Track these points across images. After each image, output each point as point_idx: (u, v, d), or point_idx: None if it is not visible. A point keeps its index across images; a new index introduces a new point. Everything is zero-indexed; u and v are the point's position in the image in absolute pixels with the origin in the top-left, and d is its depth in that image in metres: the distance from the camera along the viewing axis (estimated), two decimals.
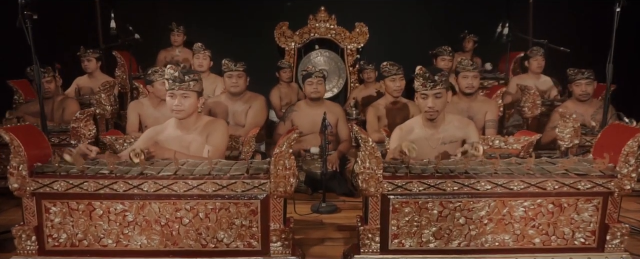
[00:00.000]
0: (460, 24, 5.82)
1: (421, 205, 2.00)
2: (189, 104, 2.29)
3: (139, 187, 1.94)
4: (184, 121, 2.34)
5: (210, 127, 2.37)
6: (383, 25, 5.85)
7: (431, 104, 2.42)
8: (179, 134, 2.36)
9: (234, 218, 1.98)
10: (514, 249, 2.05)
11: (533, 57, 4.59)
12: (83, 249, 2.01)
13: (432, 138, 2.50)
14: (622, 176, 1.98)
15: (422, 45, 5.44)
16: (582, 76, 3.73)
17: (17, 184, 1.92)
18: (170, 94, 2.27)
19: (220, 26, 5.99)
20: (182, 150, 2.28)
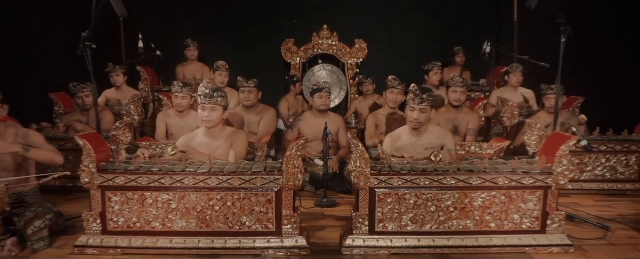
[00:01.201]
0: (452, 40, 6.32)
1: (401, 196, 2.55)
2: (217, 116, 2.86)
3: (181, 181, 2.51)
4: (211, 130, 2.91)
5: (234, 137, 2.94)
6: (381, 41, 6.34)
7: (416, 117, 2.98)
8: (207, 141, 2.92)
9: (255, 206, 2.54)
10: (474, 231, 2.59)
11: (512, 72, 5.11)
12: (136, 230, 2.57)
13: (417, 144, 3.05)
14: (557, 174, 2.52)
15: (417, 60, 5.90)
16: (552, 91, 4.25)
17: (87, 178, 2.50)
18: (201, 107, 2.84)
19: (231, 42, 6.52)
20: (211, 155, 2.84)
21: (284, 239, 2.54)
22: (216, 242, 2.54)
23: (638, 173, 3.74)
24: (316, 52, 6.26)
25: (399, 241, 2.56)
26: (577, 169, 3.78)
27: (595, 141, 3.73)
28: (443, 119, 3.89)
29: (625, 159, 3.74)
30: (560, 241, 2.59)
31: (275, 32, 6.37)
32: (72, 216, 3.03)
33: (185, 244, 2.54)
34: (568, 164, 2.52)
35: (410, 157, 2.97)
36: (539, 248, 2.57)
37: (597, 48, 5.67)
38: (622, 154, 3.74)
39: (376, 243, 2.56)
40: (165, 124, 4.10)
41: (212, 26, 6.53)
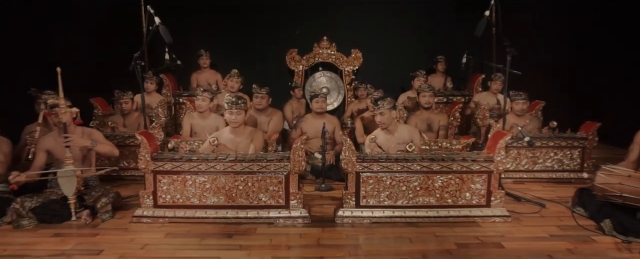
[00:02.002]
0: (437, 49, 7.11)
1: (379, 178, 3.37)
2: (241, 118, 3.70)
3: (213, 167, 3.34)
4: (236, 129, 3.74)
5: (253, 134, 3.78)
6: (374, 51, 7.13)
7: (379, 119, 3.81)
8: (232, 137, 3.75)
9: (269, 185, 3.36)
10: (436, 205, 3.41)
11: (494, 81, 5.90)
12: (179, 205, 3.39)
13: (391, 140, 3.87)
14: (497, 162, 3.34)
15: (406, 67, 6.69)
16: (519, 97, 5.02)
17: (144, 165, 3.33)
18: (229, 112, 3.67)
19: (241, 51, 7.32)
20: (234, 148, 3.67)
21: (291, 211, 3.37)
22: (240, 213, 3.37)
23: (580, 164, 4.55)
24: (317, 60, 7.06)
25: (378, 212, 3.38)
26: (531, 161, 4.59)
27: (545, 138, 4.54)
28: (419, 120, 4.72)
29: (569, 153, 4.55)
30: (501, 213, 3.40)
31: (280, 43, 7.17)
32: (125, 196, 3.87)
33: (216, 214, 3.37)
34: (505, 154, 3.35)
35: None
36: (484, 218, 3.39)
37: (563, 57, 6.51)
38: (567, 149, 4.55)
39: (361, 214, 3.38)
40: (190, 124, 4.93)
41: (223, 37, 7.31)
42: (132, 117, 5.07)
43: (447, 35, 7.14)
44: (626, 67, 5.89)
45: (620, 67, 6.00)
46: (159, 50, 6.32)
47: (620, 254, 2.83)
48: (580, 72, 6.54)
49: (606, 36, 6.22)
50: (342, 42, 7.02)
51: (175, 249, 2.91)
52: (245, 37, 7.26)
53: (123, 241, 3.03)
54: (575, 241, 3.03)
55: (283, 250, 2.92)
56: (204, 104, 4.74)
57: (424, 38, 7.24)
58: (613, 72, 6.12)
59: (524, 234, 3.16)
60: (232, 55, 7.24)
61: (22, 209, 3.27)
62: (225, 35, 7.28)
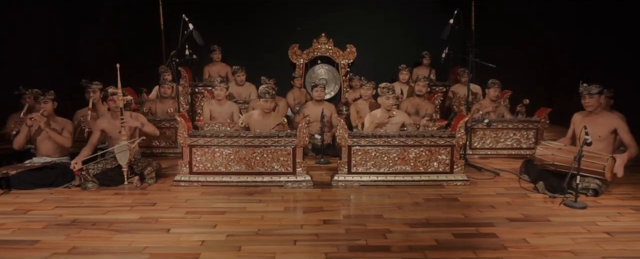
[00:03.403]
0: (423, 44, 7.99)
1: (366, 151, 4.31)
2: (271, 105, 4.64)
3: (236, 142, 4.26)
4: (266, 113, 4.67)
5: (278, 118, 4.74)
6: (367, 46, 8.04)
7: (391, 102, 4.71)
8: (261, 119, 4.69)
9: (280, 156, 4.30)
10: (410, 172, 4.35)
11: (461, 75, 6.84)
12: (210, 171, 4.32)
13: (387, 120, 4.78)
14: (457, 138, 4.28)
15: (395, 60, 7.58)
16: (494, 84, 5.94)
17: (182, 140, 4.25)
18: (264, 100, 4.60)
19: (248, 46, 8.17)
20: (263, 128, 4.58)
21: (297, 176, 4.31)
22: (257, 178, 4.31)
23: (535, 143, 5.50)
24: (316, 54, 7.95)
25: (365, 177, 4.33)
26: (494, 140, 5.54)
27: (506, 121, 5.49)
28: (410, 104, 5.67)
29: (526, 134, 5.51)
30: (461, 178, 4.35)
31: (283, 39, 8.05)
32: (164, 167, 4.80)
33: (239, 179, 4.30)
34: (463, 132, 4.29)
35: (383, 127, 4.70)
36: (449, 182, 4.34)
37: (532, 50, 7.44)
38: (524, 130, 5.50)
39: (352, 178, 4.33)
40: (209, 110, 5.84)
41: (233, 34, 8.17)
42: (167, 104, 5.94)
43: (433, 32, 7.97)
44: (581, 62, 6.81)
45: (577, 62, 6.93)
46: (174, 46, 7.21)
47: (545, 204, 3.78)
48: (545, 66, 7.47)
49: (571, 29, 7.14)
50: (338, 38, 7.93)
51: (210, 202, 3.85)
52: (252, 34, 8.12)
53: (169, 198, 3.96)
54: (514, 197, 3.98)
55: (292, 202, 3.87)
56: (222, 93, 5.64)
57: (412, 34, 8.11)
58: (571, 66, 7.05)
59: (476, 193, 4.11)
60: (240, 50, 8.10)
61: (88, 174, 4.19)
62: (234, 32, 8.13)
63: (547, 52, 7.48)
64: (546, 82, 7.49)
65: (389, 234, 3.11)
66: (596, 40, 6.74)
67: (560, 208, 3.69)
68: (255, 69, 7.09)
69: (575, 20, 7.10)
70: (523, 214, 3.54)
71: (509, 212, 3.58)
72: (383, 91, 4.68)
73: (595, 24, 6.76)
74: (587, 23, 6.89)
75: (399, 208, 3.70)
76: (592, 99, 4.22)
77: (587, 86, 4.24)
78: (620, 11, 6.33)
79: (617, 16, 6.44)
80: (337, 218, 3.46)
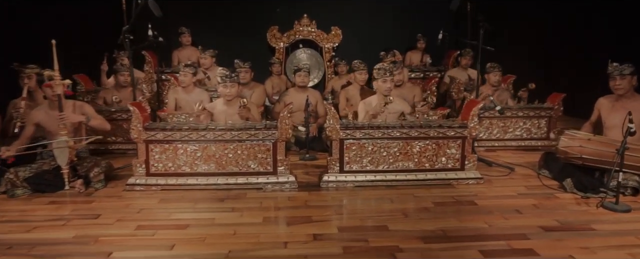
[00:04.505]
0: (415, 27, 7.33)
1: (361, 145, 3.58)
2: (235, 91, 3.83)
3: (204, 136, 3.48)
4: (230, 101, 3.87)
5: (250, 106, 3.92)
6: (354, 28, 7.33)
7: (389, 86, 3.93)
8: (225, 109, 3.88)
9: (258, 153, 3.53)
10: (414, 169, 3.65)
11: (463, 56, 6.18)
12: (171, 173, 3.54)
13: (384, 109, 4.05)
14: (470, 128, 3.59)
15: (384, 44, 6.88)
16: (497, 69, 5.30)
17: (136, 134, 3.44)
18: (223, 85, 3.78)
19: (222, 29, 7.39)
20: (227, 119, 3.79)
21: (279, 177, 3.56)
22: (230, 179, 3.54)
23: (546, 133, 4.87)
24: (297, 37, 7.20)
25: (360, 176, 3.61)
26: (502, 130, 4.89)
27: (514, 109, 4.84)
28: (397, 92, 4.92)
29: (537, 122, 4.87)
30: (474, 176, 3.68)
31: (261, 20, 7.27)
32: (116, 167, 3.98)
33: (207, 181, 3.53)
34: (477, 121, 3.60)
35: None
36: (459, 180, 3.65)
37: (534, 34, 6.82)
38: (534, 119, 4.86)
39: (344, 178, 3.60)
40: (175, 98, 5.02)
41: (205, 14, 7.36)
42: (126, 93, 5.11)
43: (424, 12, 7.35)
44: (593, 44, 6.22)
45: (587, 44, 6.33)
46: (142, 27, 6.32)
47: (579, 207, 3.13)
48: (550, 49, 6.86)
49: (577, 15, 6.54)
50: (322, 19, 7.19)
51: (171, 212, 3.07)
52: (226, 14, 7.32)
53: (119, 207, 3.16)
54: (540, 197, 3.32)
55: (274, 211, 3.12)
56: (187, 79, 4.84)
57: (402, 15, 7.43)
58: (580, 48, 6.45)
59: (494, 194, 3.43)
60: (213, 32, 7.30)
61: (16, 179, 3.36)
62: (206, 12, 7.31)
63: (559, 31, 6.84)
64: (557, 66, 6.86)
65: (400, 255, 2.40)
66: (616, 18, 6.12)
67: (600, 211, 3.05)
68: (230, 54, 6.28)
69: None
70: (558, 221, 2.88)
71: (541, 219, 2.92)
72: (379, 73, 3.94)
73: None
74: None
75: (405, 215, 2.99)
76: (624, 81, 3.59)
77: (618, 65, 3.60)
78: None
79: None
80: (329, 231, 2.73)
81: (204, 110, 3.82)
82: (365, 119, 3.84)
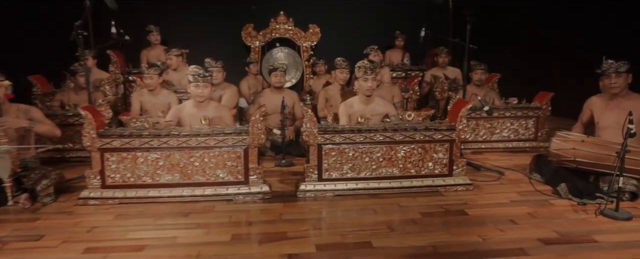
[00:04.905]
0: (396, 24, 7.08)
1: (341, 150, 3.28)
2: (208, 92, 3.47)
3: (166, 143, 3.12)
4: (201, 103, 3.51)
5: (220, 110, 3.57)
6: (332, 26, 7.03)
7: (371, 85, 3.62)
8: (195, 112, 3.52)
9: (227, 161, 3.19)
10: (399, 176, 3.36)
11: (439, 55, 5.95)
12: (130, 184, 3.16)
13: (365, 110, 3.74)
14: (458, 130, 3.33)
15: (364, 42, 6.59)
16: (479, 67, 5.08)
17: (89, 142, 3.06)
18: (195, 85, 3.42)
19: (193, 27, 7.00)
20: (198, 123, 3.43)
21: (251, 187, 3.23)
22: (196, 191, 3.19)
23: (534, 134, 4.66)
24: (273, 36, 6.87)
25: (341, 185, 3.30)
26: (489, 131, 4.66)
27: (501, 109, 4.61)
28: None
29: (524, 123, 4.65)
30: (463, 182, 3.41)
31: (235, 18, 6.91)
32: (69, 179, 3.58)
33: (171, 193, 3.17)
34: (466, 122, 3.34)
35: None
36: (447, 187, 3.38)
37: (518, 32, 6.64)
38: (522, 119, 4.64)
39: (323, 187, 3.28)
40: (140, 101, 4.64)
41: (175, 12, 6.97)
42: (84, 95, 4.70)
43: (405, 9, 7.12)
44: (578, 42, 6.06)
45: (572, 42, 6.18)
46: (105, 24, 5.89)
47: (577, 215, 2.89)
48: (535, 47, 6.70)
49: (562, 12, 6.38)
50: (299, 17, 6.89)
51: (127, 230, 2.70)
52: (198, 11, 6.95)
53: (67, 225, 2.78)
54: (534, 205, 3.08)
55: (244, 227, 2.79)
56: (152, 82, 4.47)
57: (383, 12, 7.17)
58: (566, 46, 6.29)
59: (486, 201, 3.17)
60: (184, 31, 6.90)
61: None
62: (176, 9, 6.92)
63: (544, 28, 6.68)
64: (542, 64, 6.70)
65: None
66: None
67: (599, 219, 2.82)
68: (202, 53, 5.90)
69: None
70: (557, 232, 2.63)
71: (538, 229, 2.66)
72: (360, 72, 3.64)
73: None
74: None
75: (390, 229, 2.70)
76: (620, 79, 3.39)
77: (614, 62, 3.39)
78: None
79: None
80: (307, 250, 2.42)
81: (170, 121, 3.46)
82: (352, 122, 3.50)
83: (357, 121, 3.49)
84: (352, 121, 3.66)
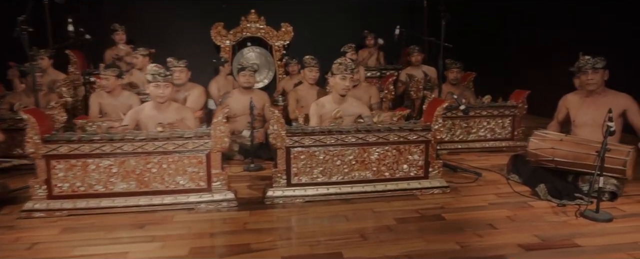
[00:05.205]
0: (369, 23, 6.93)
1: (311, 153, 3.08)
2: (169, 92, 3.24)
3: (120, 148, 2.86)
4: (162, 104, 3.26)
5: (183, 112, 3.34)
6: (305, 25, 6.85)
7: (348, 84, 3.47)
8: (155, 114, 3.27)
9: (188, 166, 2.95)
10: (373, 179, 3.18)
11: (411, 54, 5.81)
12: (80, 193, 2.89)
13: (340, 116, 3.55)
14: (434, 130, 3.17)
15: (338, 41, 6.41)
16: (455, 65, 4.97)
17: (33, 149, 2.78)
18: (154, 84, 3.17)
19: (161, 26, 6.73)
20: (158, 126, 3.18)
21: (214, 194, 2.99)
22: (154, 199, 2.94)
23: (511, 133, 4.56)
24: (244, 35, 6.64)
25: (311, 190, 3.10)
26: (465, 131, 4.53)
27: (477, 108, 4.49)
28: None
29: (501, 122, 4.54)
30: (439, 184, 3.26)
31: (204, 16, 6.66)
32: (14, 189, 3.27)
33: (126, 203, 2.91)
34: (442, 122, 3.18)
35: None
36: (423, 190, 3.22)
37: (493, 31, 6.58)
38: (498, 118, 4.53)
39: (293, 193, 3.08)
40: (98, 103, 4.35)
41: (141, 10, 6.68)
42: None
43: (380, 8, 6.99)
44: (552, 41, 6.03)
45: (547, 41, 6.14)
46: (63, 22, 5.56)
47: (558, 217, 2.77)
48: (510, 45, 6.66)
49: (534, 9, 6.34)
50: (271, 15, 6.69)
51: (74, 246, 2.44)
52: (166, 9, 6.67)
53: (6, 241, 2.50)
54: (513, 207, 2.94)
55: (205, 238, 2.55)
56: (108, 83, 4.20)
57: (358, 11, 7.03)
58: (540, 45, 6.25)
59: (463, 205, 3.02)
60: (151, 29, 6.62)
61: None
62: (143, 7, 6.63)
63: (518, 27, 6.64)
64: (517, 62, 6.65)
65: None
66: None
67: (580, 222, 2.70)
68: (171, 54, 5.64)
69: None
70: (538, 236, 2.49)
71: (518, 234, 2.52)
72: (339, 69, 3.45)
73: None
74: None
75: (363, 237, 2.51)
76: (597, 75, 3.29)
77: (591, 58, 3.29)
78: None
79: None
80: None
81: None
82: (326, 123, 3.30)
83: (335, 115, 3.29)
84: (324, 121, 3.48)
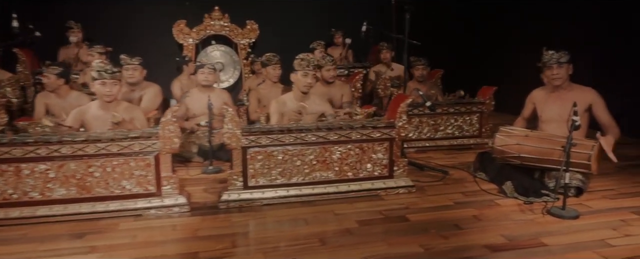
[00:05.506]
0: (337, 20, 6.80)
1: (269, 153, 2.90)
2: (117, 90, 3.00)
3: (58, 151, 2.62)
4: (109, 104, 3.02)
5: (132, 112, 3.11)
6: (271, 22, 6.65)
7: (310, 81, 3.31)
8: (102, 114, 3.04)
9: (134, 170, 2.73)
10: (335, 180, 3.03)
11: (381, 51, 5.72)
12: (13, 201, 2.63)
13: (299, 115, 3.38)
14: (398, 127, 3.04)
15: (305, 39, 6.26)
16: (419, 62, 4.90)
17: None
18: (101, 82, 2.94)
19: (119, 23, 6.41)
20: (105, 126, 2.95)
21: (164, 199, 2.78)
22: (98, 206, 2.70)
23: (479, 130, 4.49)
24: (208, 33, 6.40)
25: (270, 192, 2.92)
26: (432, 129, 4.43)
27: (445, 105, 4.41)
28: (318, 93, 4.28)
29: (469, 119, 4.47)
30: (405, 183, 3.13)
31: (166, 13, 6.38)
32: None
33: (66, 210, 2.66)
34: (407, 119, 3.06)
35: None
36: (388, 190, 3.08)
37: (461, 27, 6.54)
38: (466, 115, 4.46)
39: (250, 196, 2.89)
40: (45, 104, 4.06)
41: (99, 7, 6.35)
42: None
43: (347, 4, 6.86)
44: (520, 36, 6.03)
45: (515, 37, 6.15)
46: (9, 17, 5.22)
47: (524, 216, 2.67)
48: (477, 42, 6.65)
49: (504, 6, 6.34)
50: (236, 12, 6.44)
51: None
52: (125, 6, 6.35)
53: None
54: (480, 206, 2.84)
55: (150, 247, 2.34)
56: (49, 82, 3.92)
57: (327, 7, 6.87)
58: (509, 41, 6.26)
59: (428, 204, 2.90)
60: (109, 27, 6.29)
61: None
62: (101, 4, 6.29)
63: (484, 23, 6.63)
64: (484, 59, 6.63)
65: None
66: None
67: (546, 219, 2.61)
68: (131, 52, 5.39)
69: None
70: (505, 236, 2.38)
71: (485, 234, 2.41)
72: (301, 64, 3.29)
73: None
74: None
75: (322, 242, 2.35)
76: (562, 69, 3.23)
77: (555, 53, 3.23)
78: None
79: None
80: None
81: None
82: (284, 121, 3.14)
83: (299, 111, 3.12)
84: (285, 120, 3.31)
